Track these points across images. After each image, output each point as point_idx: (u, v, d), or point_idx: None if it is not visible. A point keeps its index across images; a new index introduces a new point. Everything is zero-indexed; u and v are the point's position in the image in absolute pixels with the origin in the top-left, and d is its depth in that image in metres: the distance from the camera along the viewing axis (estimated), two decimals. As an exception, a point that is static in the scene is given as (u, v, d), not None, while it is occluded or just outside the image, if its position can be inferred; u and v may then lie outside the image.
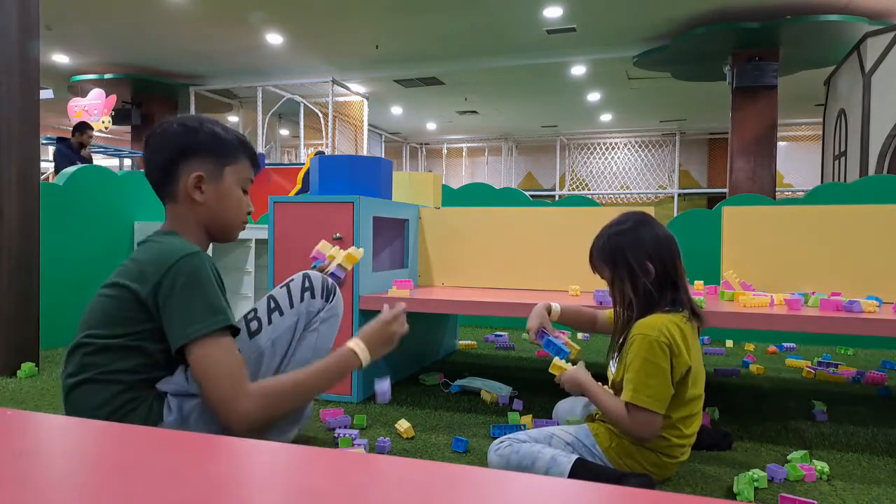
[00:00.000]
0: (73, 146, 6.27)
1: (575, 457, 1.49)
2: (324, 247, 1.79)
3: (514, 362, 3.06)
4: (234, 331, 1.24)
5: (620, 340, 1.60)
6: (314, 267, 1.75)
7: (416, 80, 10.07)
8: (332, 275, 1.69)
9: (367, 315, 2.34)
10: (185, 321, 1.17)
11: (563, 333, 1.77)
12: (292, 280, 1.49)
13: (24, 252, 2.71)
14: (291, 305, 1.44)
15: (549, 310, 1.82)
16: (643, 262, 1.53)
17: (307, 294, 1.47)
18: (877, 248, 2.34)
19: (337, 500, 0.48)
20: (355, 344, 1.37)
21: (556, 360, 1.66)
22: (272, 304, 1.42)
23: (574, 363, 1.68)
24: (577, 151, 14.90)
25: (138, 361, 1.23)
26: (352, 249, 1.75)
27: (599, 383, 1.61)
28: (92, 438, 0.66)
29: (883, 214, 2.36)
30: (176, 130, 1.32)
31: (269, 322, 1.39)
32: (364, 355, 1.36)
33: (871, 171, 5.90)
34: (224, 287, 1.33)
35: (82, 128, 6.40)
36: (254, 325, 1.37)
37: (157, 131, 1.34)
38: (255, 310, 1.41)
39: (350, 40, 8.32)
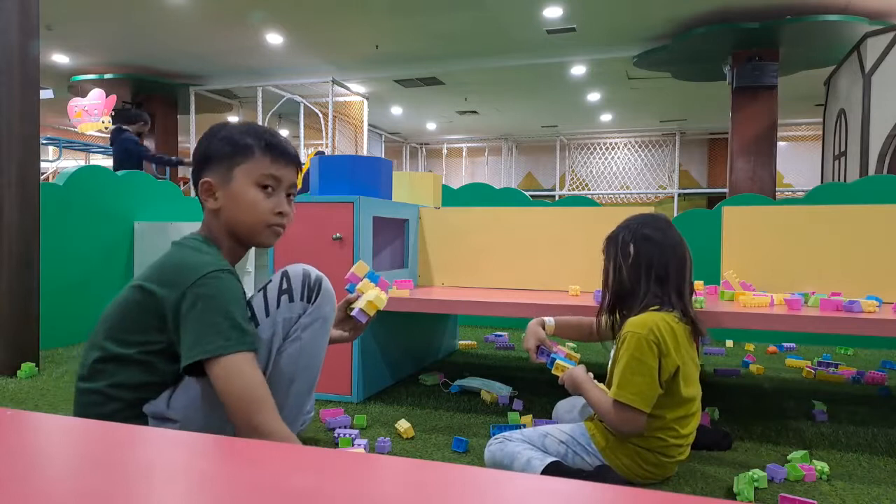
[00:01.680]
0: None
1: (550, 459, 1.50)
2: (359, 269, 1.59)
3: (514, 362, 3.06)
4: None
5: (616, 329, 1.65)
6: (348, 290, 1.59)
7: (416, 80, 10.06)
8: (355, 315, 1.53)
9: (367, 315, 2.33)
10: (204, 337, 1.14)
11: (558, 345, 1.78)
12: (270, 281, 1.33)
13: (24, 252, 2.71)
14: (267, 314, 1.29)
15: (542, 325, 1.80)
16: (627, 245, 1.59)
17: (284, 298, 1.30)
18: (877, 248, 2.34)
19: (337, 500, 0.48)
20: None
21: (559, 361, 1.67)
22: (248, 315, 1.28)
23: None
24: (577, 151, 14.89)
25: (146, 379, 1.20)
26: (373, 296, 1.52)
27: (597, 381, 1.62)
28: (92, 438, 0.66)
29: (883, 214, 2.36)
30: (199, 143, 1.34)
31: None
32: None
33: (871, 171, 5.89)
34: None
35: (140, 117, 6.13)
36: None
37: None
38: None
39: (350, 40, 8.32)
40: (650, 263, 1.57)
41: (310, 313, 1.32)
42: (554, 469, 1.48)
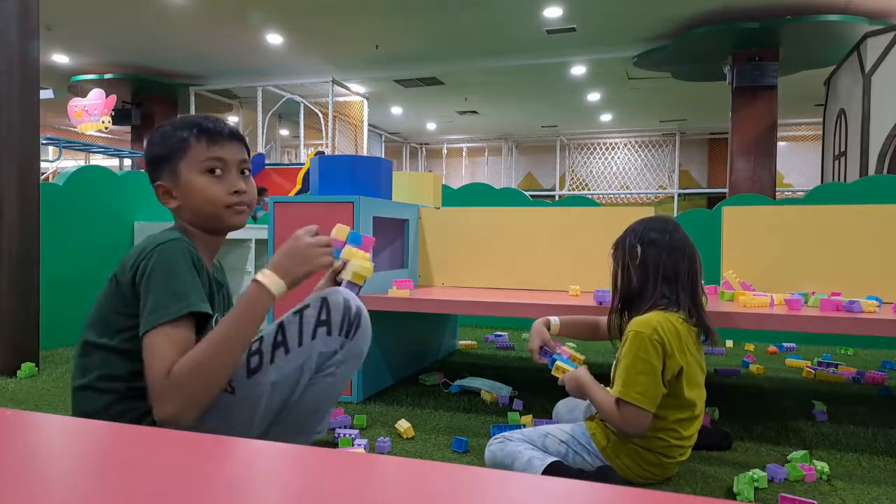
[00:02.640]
0: None
1: (551, 459, 1.50)
2: (339, 232, 1.46)
3: (514, 362, 3.06)
4: (202, 316, 1.19)
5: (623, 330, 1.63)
6: (332, 257, 1.49)
7: (416, 80, 10.07)
8: (345, 287, 1.46)
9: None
10: (149, 309, 1.14)
11: (561, 345, 1.78)
12: (308, 306, 1.28)
13: (24, 252, 2.71)
14: (300, 343, 1.25)
15: (547, 325, 1.80)
16: (634, 247, 1.61)
17: (322, 330, 1.26)
18: (877, 248, 2.34)
19: (337, 500, 0.48)
20: (261, 275, 1.18)
21: (559, 362, 1.67)
22: (279, 338, 1.25)
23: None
24: (577, 151, 14.90)
25: (130, 368, 1.20)
26: (357, 266, 1.42)
27: (599, 383, 1.62)
28: (92, 438, 0.66)
29: (883, 214, 2.36)
30: (144, 150, 1.35)
31: (272, 360, 1.24)
32: (272, 282, 1.17)
33: (871, 171, 5.89)
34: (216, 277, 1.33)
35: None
36: (255, 360, 1.22)
37: None
38: (260, 339, 1.25)
39: (350, 40, 8.32)
40: (657, 264, 1.57)
41: (347, 349, 1.29)
42: (555, 469, 1.48)
